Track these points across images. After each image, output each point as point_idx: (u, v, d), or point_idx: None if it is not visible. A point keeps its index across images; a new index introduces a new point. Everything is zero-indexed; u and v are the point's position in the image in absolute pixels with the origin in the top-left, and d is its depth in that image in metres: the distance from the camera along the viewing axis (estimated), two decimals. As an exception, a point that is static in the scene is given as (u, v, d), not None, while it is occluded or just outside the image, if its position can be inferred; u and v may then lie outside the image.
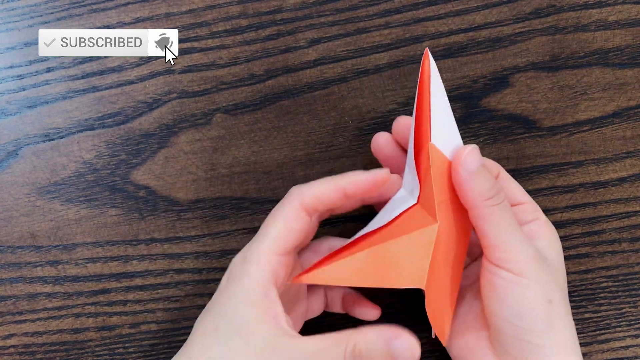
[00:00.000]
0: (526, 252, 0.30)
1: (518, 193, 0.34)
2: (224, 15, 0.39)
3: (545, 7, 0.39)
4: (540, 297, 0.30)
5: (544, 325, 0.29)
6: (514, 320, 0.30)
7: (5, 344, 0.38)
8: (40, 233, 0.38)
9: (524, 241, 0.30)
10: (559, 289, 0.31)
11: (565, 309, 0.31)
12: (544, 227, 0.33)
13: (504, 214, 0.30)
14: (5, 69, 0.39)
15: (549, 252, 0.32)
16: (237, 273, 0.29)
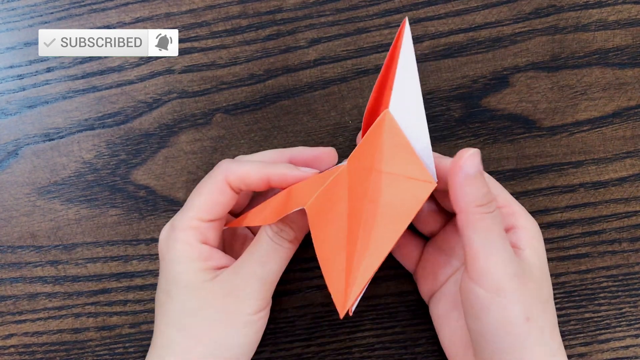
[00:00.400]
0: (506, 270, 0.28)
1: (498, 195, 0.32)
2: (224, 15, 0.39)
3: (545, 7, 0.39)
4: (517, 316, 0.29)
5: (521, 343, 0.29)
6: (490, 337, 0.29)
7: (5, 344, 0.38)
8: (40, 233, 0.38)
9: (507, 256, 0.29)
10: (538, 303, 0.30)
11: (545, 322, 0.30)
12: (523, 234, 0.31)
13: (493, 225, 0.29)
14: (5, 69, 0.39)
15: (532, 260, 0.31)
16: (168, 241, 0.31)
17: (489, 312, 0.29)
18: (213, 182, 0.31)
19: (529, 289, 0.29)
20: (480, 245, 0.28)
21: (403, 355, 0.38)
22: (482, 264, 0.28)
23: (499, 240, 0.29)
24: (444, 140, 0.38)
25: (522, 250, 0.31)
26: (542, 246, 0.32)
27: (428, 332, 0.38)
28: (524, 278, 0.29)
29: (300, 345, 0.38)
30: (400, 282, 0.38)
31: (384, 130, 0.29)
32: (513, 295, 0.28)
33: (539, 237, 0.32)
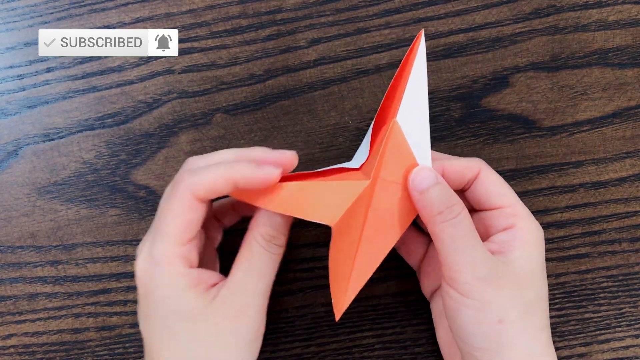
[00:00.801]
0: (475, 274, 0.29)
1: (496, 196, 0.32)
2: (224, 15, 0.39)
3: (545, 7, 0.39)
4: (488, 318, 0.29)
5: (495, 345, 0.29)
6: (464, 338, 0.30)
7: (5, 344, 0.38)
8: (40, 233, 0.38)
9: (476, 260, 0.29)
10: (517, 306, 0.30)
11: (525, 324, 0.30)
12: (519, 235, 0.31)
13: (455, 231, 0.29)
14: (5, 69, 0.39)
15: (519, 263, 0.30)
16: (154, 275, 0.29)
17: (461, 313, 0.30)
18: (182, 201, 0.29)
19: (503, 291, 0.29)
20: (447, 255, 0.29)
21: (403, 355, 0.38)
22: (450, 269, 0.29)
23: (466, 245, 0.29)
24: (444, 140, 0.39)
25: (509, 252, 0.31)
26: (539, 251, 0.31)
27: (428, 332, 0.38)
28: (498, 280, 0.29)
29: (300, 345, 0.38)
30: (400, 282, 0.38)
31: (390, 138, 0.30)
32: (482, 297, 0.29)
33: (537, 242, 0.31)
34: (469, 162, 0.32)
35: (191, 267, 0.29)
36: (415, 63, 0.29)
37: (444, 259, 0.30)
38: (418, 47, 0.30)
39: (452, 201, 0.29)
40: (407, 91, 0.29)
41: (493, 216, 0.32)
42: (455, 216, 0.29)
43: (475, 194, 0.32)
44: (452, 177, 0.32)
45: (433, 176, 0.30)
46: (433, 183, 0.30)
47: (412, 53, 0.30)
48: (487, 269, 0.29)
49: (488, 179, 0.32)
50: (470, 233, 0.30)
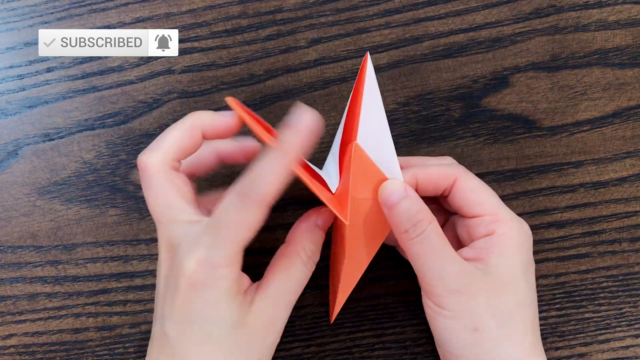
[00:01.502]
0: (446, 286, 0.29)
1: (474, 204, 0.32)
2: (224, 15, 0.39)
3: (545, 7, 0.39)
4: (462, 327, 0.30)
5: (473, 353, 0.30)
6: (443, 345, 0.31)
7: (5, 344, 0.38)
8: (40, 233, 0.38)
9: (446, 274, 0.29)
10: (494, 313, 0.30)
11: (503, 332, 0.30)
12: (497, 242, 0.31)
13: (421, 249, 0.29)
14: (5, 69, 0.39)
15: (497, 271, 0.30)
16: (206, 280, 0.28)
17: (438, 322, 0.31)
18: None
19: (478, 300, 0.30)
20: (417, 266, 0.30)
21: (403, 355, 0.38)
22: (424, 281, 0.30)
23: (434, 260, 0.30)
24: (444, 140, 0.39)
25: (486, 259, 0.30)
26: (520, 255, 0.31)
27: (428, 332, 0.38)
28: (470, 290, 0.30)
29: (300, 345, 0.38)
30: (400, 282, 0.38)
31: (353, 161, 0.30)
32: (454, 308, 0.30)
33: (518, 246, 0.31)
34: (446, 170, 0.32)
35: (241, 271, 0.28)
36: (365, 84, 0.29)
37: (417, 272, 0.31)
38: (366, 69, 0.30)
39: (418, 217, 0.29)
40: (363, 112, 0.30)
41: (474, 223, 0.32)
42: (421, 233, 0.29)
43: (454, 201, 0.32)
44: (426, 186, 0.32)
45: (401, 190, 0.30)
46: (402, 197, 0.30)
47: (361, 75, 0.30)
48: (459, 281, 0.29)
49: (466, 186, 0.32)
50: (438, 247, 0.30)
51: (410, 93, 0.39)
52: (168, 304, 0.28)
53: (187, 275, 0.27)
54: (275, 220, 0.38)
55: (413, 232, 0.29)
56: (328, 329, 0.38)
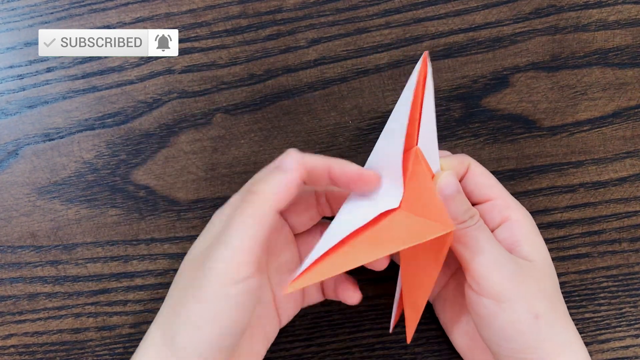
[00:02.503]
0: (503, 272, 0.29)
1: (486, 187, 0.33)
2: (224, 15, 0.39)
3: (545, 7, 0.39)
4: (525, 316, 0.29)
5: (535, 341, 0.30)
6: (504, 343, 0.30)
7: (5, 344, 0.38)
8: (40, 233, 0.38)
9: (501, 260, 0.30)
10: (545, 297, 0.30)
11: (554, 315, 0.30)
12: (518, 228, 0.32)
13: (478, 236, 0.30)
14: (5, 69, 0.39)
15: (532, 257, 0.31)
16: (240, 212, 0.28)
17: (497, 318, 0.30)
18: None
19: (530, 286, 0.30)
20: (471, 258, 0.30)
21: (403, 355, 0.38)
22: (477, 274, 0.30)
23: (488, 249, 0.30)
24: (444, 140, 0.39)
25: (520, 247, 0.31)
26: (540, 239, 0.32)
27: (428, 332, 0.38)
28: (523, 276, 0.30)
29: (300, 345, 0.38)
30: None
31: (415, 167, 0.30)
32: (515, 296, 0.29)
33: (535, 230, 0.32)
34: (460, 158, 0.33)
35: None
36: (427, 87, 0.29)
37: (469, 262, 0.30)
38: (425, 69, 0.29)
39: (472, 210, 0.30)
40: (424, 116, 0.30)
41: (486, 210, 0.32)
42: (475, 223, 0.30)
43: (466, 187, 0.33)
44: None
45: (455, 183, 0.30)
46: (456, 190, 0.30)
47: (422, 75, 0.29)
48: (513, 266, 0.30)
49: (477, 170, 0.33)
50: (491, 236, 0.30)
51: (410, 93, 0.39)
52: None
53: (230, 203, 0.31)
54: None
55: (471, 222, 0.30)
56: (328, 329, 0.38)
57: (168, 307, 0.30)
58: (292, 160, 0.28)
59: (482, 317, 0.30)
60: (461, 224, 0.30)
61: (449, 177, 0.30)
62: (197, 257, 0.30)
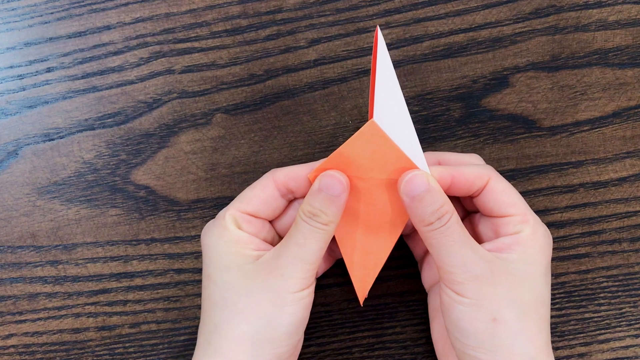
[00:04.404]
0: (467, 274, 0.29)
1: (506, 206, 0.32)
2: (224, 15, 0.39)
3: (545, 7, 0.39)
4: (481, 317, 0.29)
5: (488, 343, 0.30)
6: (459, 336, 0.31)
7: (5, 344, 0.38)
8: (40, 233, 0.38)
9: (468, 261, 0.30)
10: (512, 306, 0.30)
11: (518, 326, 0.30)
12: (523, 240, 0.31)
13: (444, 239, 0.30)
14: (5, 69, 0.39)
15: (517, 265, 0.30)
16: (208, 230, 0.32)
17: (455, 310, 0.30)
18: (259, 181, 0.33)
19: (498, 290, 0.30)
20: (438, 255, 0.30)
21: (403, 355, 0.38)
22: (444, 269, 0.30)
23: (456, 249, 0.30)
24: (444, 140, 0.39)
25: (508, 252, 0.31)
26: (542, 256, 0.31)
27: (428, 332, 0.38)
28: (492, 278, 0.30)
29: (300, 345, 0.38)
30: (400, 282, 0.38)
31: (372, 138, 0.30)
32: (476, 295, 0.30)
33: (541, 248, 0.31)
34: (480, 170, 0.32)
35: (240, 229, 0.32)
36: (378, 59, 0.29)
37: (437, 261, 0.30)
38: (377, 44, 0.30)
39: (442, 211, 0.30)
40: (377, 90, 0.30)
41: (502, 223, 0.32)
42: (444, 224, 0.30)
43: (485, 202, 0.32)
44: (460, 186, 0.32)
45: (425, 182, 0.30)
46: (425, 190, 0.30)
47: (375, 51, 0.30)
48: (481, 267, 0.30)
49: (498, 187, 0.32)
50: (461, 237, 0.30)
51: (410, 93, 0.39)
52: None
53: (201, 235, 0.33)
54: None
55: (438, 224, 0.30)
56: (328, 329, 0.38)
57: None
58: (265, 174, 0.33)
59: (444, 304, 0.31)
60: (428, 226, 0.30)
61: (415, 178, 0.30)
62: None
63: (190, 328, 0.38)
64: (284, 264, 0.30)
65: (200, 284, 0.38)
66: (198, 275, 0.38)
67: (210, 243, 0.32)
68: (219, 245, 0.31)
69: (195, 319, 0.38)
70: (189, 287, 0.38)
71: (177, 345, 0.38)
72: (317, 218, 0.30)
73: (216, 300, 0.31)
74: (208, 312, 0.31)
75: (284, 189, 0.32)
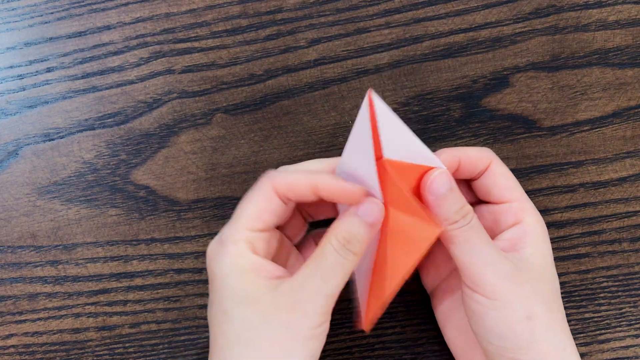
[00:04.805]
0: (497, 273, 0.29)
1: (505, 189, 0.32)
2: (224, 15, 0.39)
3: (545, 7, 0.39)
4: (517, 316, 0.29)
5: (526, 342, 0.30)
6: (495, 341, 0.30)
7: (5, 344, 0.38)
8: (40, 233, 0.38)
9: (495, 260, 0.29)
10: (540, 300, 0.30)
11: (549, 319, 0.30)
12: (528, 231, 0.31)
13: (471, 236, 0.29)
14: (5, 69, 0.39)
15: (533, 259, 0.31)
16: (217, 256, 0.30)
17: (489, 315, 0.30)
18: (260, 191, 0.30)
19: (525, 287, 0.30)
20: (465, 259, 0.30)
21: (403, 355, 0.38)
22: (472, 272, 0.30)
23: (481, 249, 0.29)
24: (444, 140, 0.39)
25: (522, 249, 0.31)
26: (547, 245, 0.32)
27: (428, 332, 0.38)
28: (519, 278, 0.30)
29: (300, 345, 0.38)
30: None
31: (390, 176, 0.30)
32: (509, 296, 0.29)
33: (544, 237, 0.32)
34: (482, 153, 0.32)
35: (255, 254, 0.29)
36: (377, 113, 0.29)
37: (462, 263, 0.30)
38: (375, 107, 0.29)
39: (466, 209, 0.30)
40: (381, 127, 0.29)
41: (501, 211, 0.32)
42: (468, 222, 0.30)
43: (484, 185, 0.32)
44: (465, 167, 0.32)
45: (448, 182, 0.30)
46: (449, 188, 0.29)
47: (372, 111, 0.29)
48: (508, 267, 0.30)
49: (499, 170, 0.32)
50: (485, 235, 0.30)
51: (410, 93, 0.39)
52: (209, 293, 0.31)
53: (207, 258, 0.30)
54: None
55: (463, 222, 0.29)
56: (328, 329, 0.38)
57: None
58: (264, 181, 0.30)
59: (475, 313, 0.30)
60: (453, 225, 0.29)
61: (440, 176, 0.30)
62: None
63: (190, 328, 0.38)
64: (307, 299, 0.28)
65: (201, 284, 0.38)
66: (198, 275, 0.38)
67: (222, 272, 0.29)
68: (232, 275, 0.29)
69: (195, 319, 0.38)
70: (189, 287, 0.38)
71: (177, 345, 0.38)
72: (350, 246, 0.29)
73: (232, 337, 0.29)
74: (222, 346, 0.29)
75: (284, 198, 0.30)
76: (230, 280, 0.29)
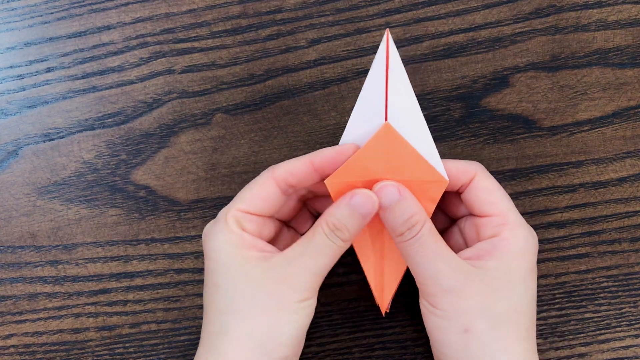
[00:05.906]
0: (439, 285, 0.30)
1: (485, 204, 0.32)
2: (224, 15, 0.39)
3: (545, 7, 0.39)
4: (453, 328, 0.30)
5: (462, 354, 0.30)
6: (434, 345, 0.31)
7: (5, 344, 0.38)
8: (40, 233, 0.38)
9: (439, 273, 0.30)
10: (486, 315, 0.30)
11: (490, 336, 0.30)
12: (500, 245, 0.31)
13: (414, 251, 0.30)
14: (5, 69, 0.39)
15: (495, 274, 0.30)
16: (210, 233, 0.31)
17: (430, 320, 0.31)
18: (258, 178, 0.32)
19: (470, 301, 0.30)
20: (413, 268, 0.31)
21: (403, 355, 0.38)
22: (417, 280, 0.31)
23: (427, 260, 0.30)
24: (444, 140, 0.39)
25: (485, 260, 0.30)
26: (523, 260, 0.31)
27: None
28: (463, 290, 0.30)
29: (300, 345, 0.38)
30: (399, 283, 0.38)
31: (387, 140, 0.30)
32: (448, 307, 0.30)
33: (520, 252, 0.31)
34: (465, 166, 0.32)
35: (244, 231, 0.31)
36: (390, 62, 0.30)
37: (412, 272, 0.31)
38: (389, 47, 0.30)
39: (412, 221, 0.30)
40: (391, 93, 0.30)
41: (482, 224, 0.32)
42: (414, 235, 0.30)
43: (468, 199, 0.32)
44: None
45: (395, 192, 0.30)
46: (395, 200, 0.30)
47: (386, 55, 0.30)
48: (452, 280, 0.30)
49: (480, 185, 0.32)
50: (432, 248, 0.30)
51: (410, 93, 0.39)
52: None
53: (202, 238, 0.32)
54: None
55: (408, 235, 0.30)
56: (328, 329, 0.38)
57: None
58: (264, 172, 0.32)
59: (422, 315, 0.32)
60: (399, 237, 0.30)
61: (386, 188, 0.30)
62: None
63: (190, 328, 0.38)
64: (295, 273, 0.30)
65: (201, 284, 0.38)
66: (198, 275, 0.38)
67: (214, 247, 0.31)
68: (223, 249, 0.31)
69: (195, 319, 0.38)
70: (189, 287, 0.38)
71: (177, 345, 0.38)
72: (339, 232, 0.30)
73: (222, 306, 0.30)
74: (212, 316, 0.31)
75: (284, 185, 0.32)
76: (222, 254, 0.30)
